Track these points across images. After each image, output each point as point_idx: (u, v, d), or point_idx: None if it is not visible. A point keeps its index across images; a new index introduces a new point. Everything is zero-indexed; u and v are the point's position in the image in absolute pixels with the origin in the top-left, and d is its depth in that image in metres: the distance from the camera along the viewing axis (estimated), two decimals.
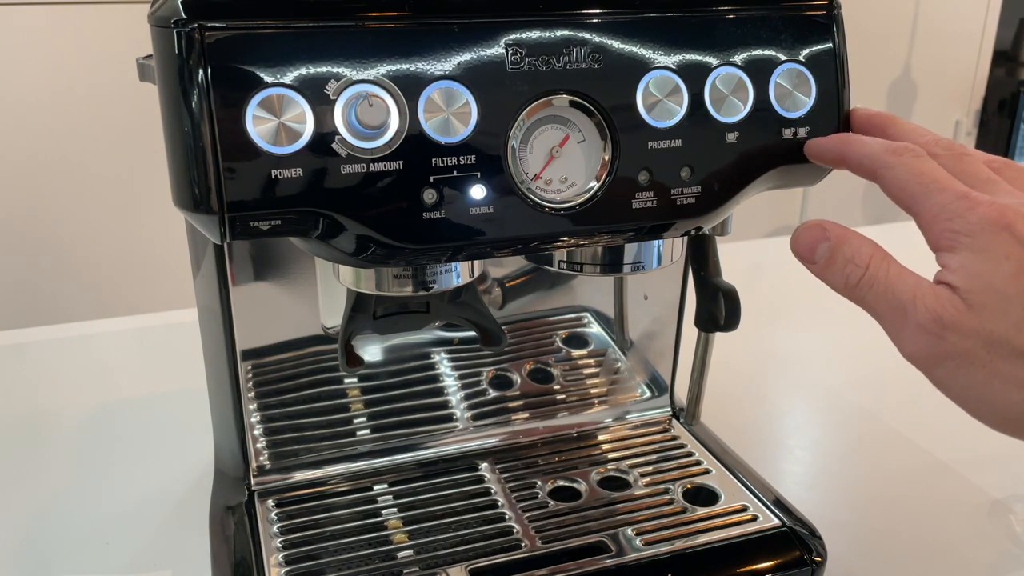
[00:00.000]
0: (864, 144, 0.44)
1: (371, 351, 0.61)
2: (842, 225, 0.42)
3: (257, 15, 0.39)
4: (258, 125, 0.39)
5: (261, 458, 0.60)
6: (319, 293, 0.57)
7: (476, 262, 0.50)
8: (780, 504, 0.58)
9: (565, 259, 0.52)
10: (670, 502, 0.58)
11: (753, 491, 0.59)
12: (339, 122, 0.40)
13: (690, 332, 0.62)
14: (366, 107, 0.39)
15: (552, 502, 0.58)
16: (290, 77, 0.39)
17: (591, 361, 0.68)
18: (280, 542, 0.54)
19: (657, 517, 0.57)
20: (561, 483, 0.61)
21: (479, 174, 0.42)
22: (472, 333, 0.58)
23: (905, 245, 0.46)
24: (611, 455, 0.64)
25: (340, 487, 0.60)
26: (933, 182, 0.40)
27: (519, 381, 0.66)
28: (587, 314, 0.67)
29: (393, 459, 0.62)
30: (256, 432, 0.59)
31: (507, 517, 0.57)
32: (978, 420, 0.39)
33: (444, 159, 0.41)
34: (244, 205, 0.39)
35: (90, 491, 0.67)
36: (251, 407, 0.58)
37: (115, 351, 0.92)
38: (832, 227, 0.42)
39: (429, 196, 0.41)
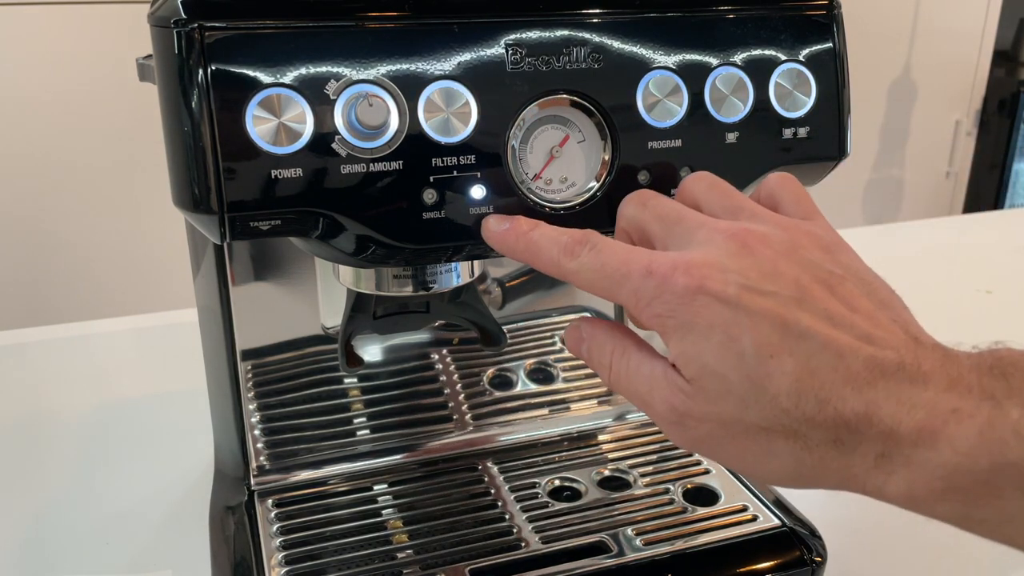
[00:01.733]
0: (543, 249, 0.40)
1: (371, 351, 0.61)
2: (597, 320, 0.41)
3: (257, 15, 0.39)
4: (258, 125, 0.38)
5: (261, 458, 0.60)
6: (319, 293, 0.57)
7: (476, 262, 0.50)
8: (780, 504, 0.58)
9: None
10: (670, 502, 0.58)
11: (753, 491, 0.59)
12: (339, 122, 0.40)
13: None
14: (366, 107, 0.39)
15: (552, 502, 0.58)
16: (290, 77, 0.39)
17: None
18: (280, 542, 0.54)
19: (657, 517, 0.57)
20: (561, 483, 0.61)
21: (479, 174, 0.42)
22: (472, 333, 0.58)
23: (904, 245, 0.45)
24: (611, 455, 0.64)
25: (340, 487, 0.60)
26: (621, 266, 0.36)
27: (519, 381, 0.66)
28: (587, 314, 0.67)
29: (393, 459, 0.62)
30: (256, 432, 0.59)
31: (507, 517, 0.57)
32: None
33: (444, 159, 0.41)
34: (244, 205, 0.39)
35: (90, 491, 0.67)
36: (251, 407, 0.58)
37: (115, 351, 0.92)
38: (585, 325, 0.41)
39: (429, 196, 0.41)
